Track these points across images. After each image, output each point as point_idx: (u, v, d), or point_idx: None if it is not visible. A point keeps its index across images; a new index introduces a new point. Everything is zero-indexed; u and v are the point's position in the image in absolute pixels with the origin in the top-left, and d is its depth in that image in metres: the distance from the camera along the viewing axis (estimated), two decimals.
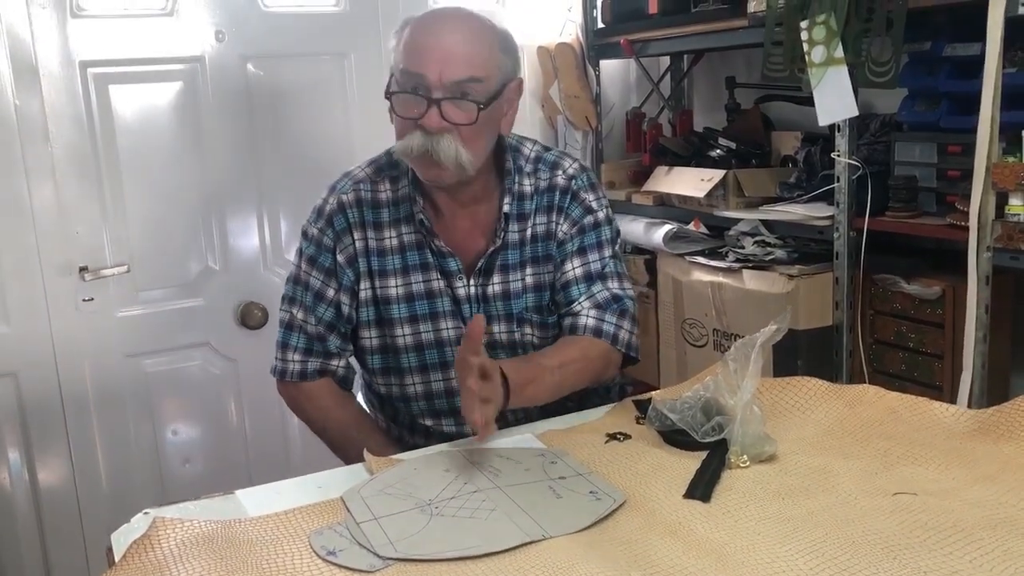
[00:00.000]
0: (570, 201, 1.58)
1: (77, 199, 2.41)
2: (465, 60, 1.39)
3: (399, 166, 1.55)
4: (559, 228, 1.57)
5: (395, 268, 1.54)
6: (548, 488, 1.21)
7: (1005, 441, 1.27)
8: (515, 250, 1.56)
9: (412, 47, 1.41)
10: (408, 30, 1.44)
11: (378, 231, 1.55)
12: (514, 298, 1.56)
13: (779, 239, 2.44)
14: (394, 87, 1.43)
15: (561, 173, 1.59)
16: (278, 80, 2.60)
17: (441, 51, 1.39)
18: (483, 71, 1.41)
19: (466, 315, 1.54)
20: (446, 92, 1.39)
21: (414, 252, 1.54)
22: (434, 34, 1.41)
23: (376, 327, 1.57)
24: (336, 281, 1.56)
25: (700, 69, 3.14)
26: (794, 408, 1.43)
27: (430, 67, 1.38)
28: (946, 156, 2.11)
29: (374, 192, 1.56)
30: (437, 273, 1.54)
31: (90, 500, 2.51)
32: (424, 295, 1.54)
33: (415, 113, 1.40)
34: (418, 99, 1.39)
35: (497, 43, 1.46)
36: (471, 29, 1.43)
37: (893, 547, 1.02)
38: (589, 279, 1.56)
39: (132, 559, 1.07)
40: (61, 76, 2.36)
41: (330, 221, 1.56)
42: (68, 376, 2.45)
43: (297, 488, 1.27)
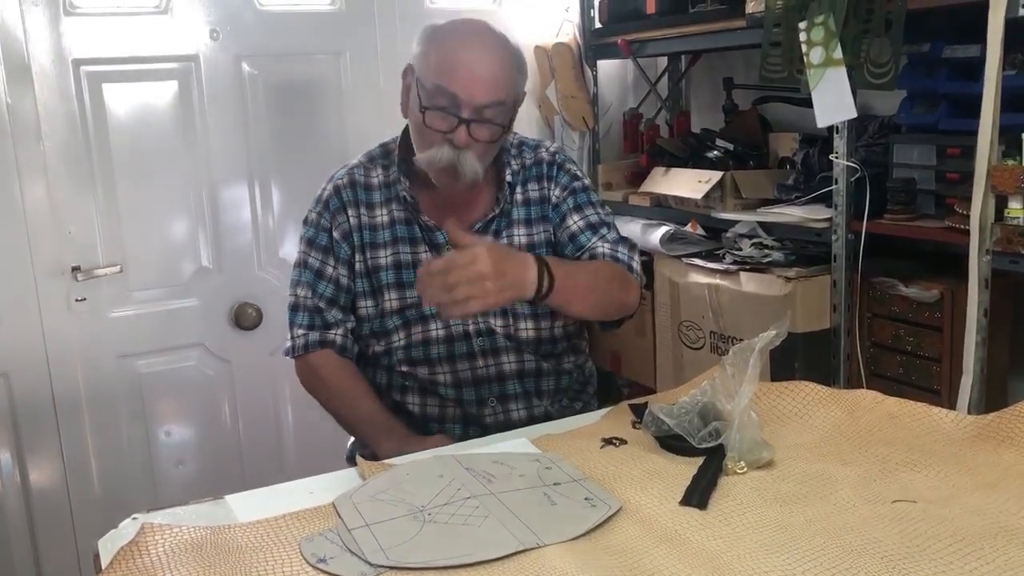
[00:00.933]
0: (557, 171, 1.72)
1: (70, 198, 2.39)
2: (494, 85, 1.50)
3: (390, 155, 1.69)
4: (551, 193, 1.70)
5: (384, 240, 1.65)
6: (543, 495, 1.19)
7: (1006, 448, 1.25)
8: (507, 215, 1.68)
9: (447, 65, 1.50)
10: (439, 44, 1.53)
11: (370, 210, 1.67)
12: None
13: (777, 241, 2.43)
14: (425, 101, 1.51)
15: (544, 150, 1.73)
16: (273, 79, 2.58)
17: (474, 73, 1.49)
18: (506, 95, 1.53)
19: None
20: (474, 113, 1.50)
21: (403, 226, 1.65)
22: (467, 54, 1.51)
23: (370, 296, 1.67)
24: (333, 257, 1.66)
25: (698, 70, 3.12)
26: (792, 413, 1.41)
27: (463, 88, 1.48)
28: (945, 158, 2.10)
29: (367, 176, 1.68)
30: (425, 246, 1.64)
31: (82, 502, 2.49)
32: (411, 264, 1.64)
33: (444, 128, 1.50)
34: (449, 116, 1.50)
35: (515, 64, 1.57)
36: (499, 51, 1.53)
37: (892, 556, 1.00)
38: (592, 228, 1.69)
39: (119, 566, 1.05)
40: (54, 74, 2.34)
41: (327, 204, 1.68)
42: (60, 377, 2.43)
43: (288, 494, 1.26)
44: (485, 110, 1.50)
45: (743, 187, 2.56)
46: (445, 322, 1.63)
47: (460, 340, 1.65)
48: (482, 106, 1.50)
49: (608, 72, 3.14)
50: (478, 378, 1.66)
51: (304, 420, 2.73)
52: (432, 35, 1.56)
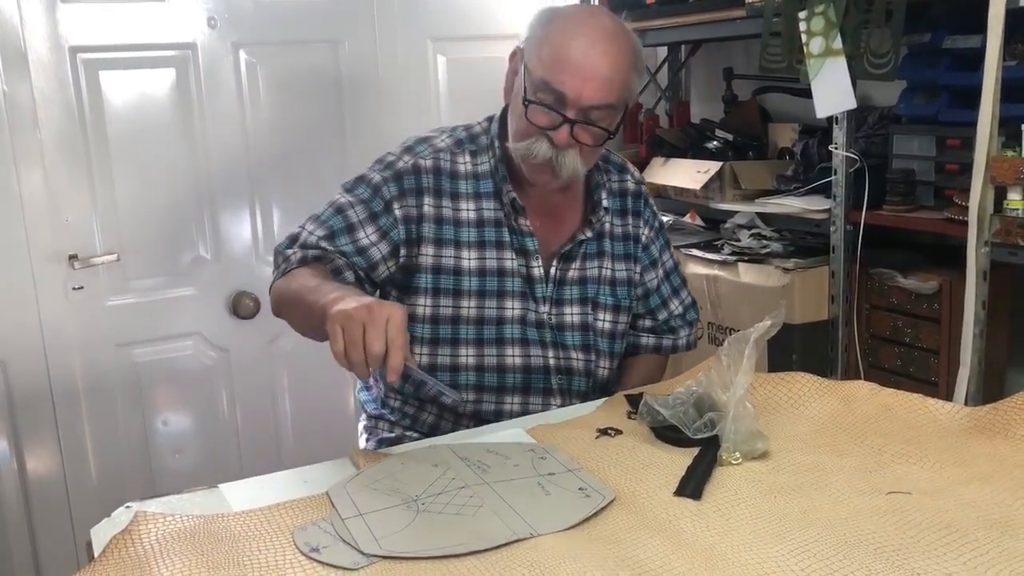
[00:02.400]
0: (643, 206, 1.67)
1: (67, 187, 2.38)
2: (606, 87, 1.40)
3: (478, 141, 1.57)
4: (641, 232, 1.66)
5: (470, 241, 1.52)
6: (537, 484, 1.19)
7: (1001, 439, 1.25)
8: (594, 242, 1.60)
9: (556, 58, 1.40)
10: (553, 32, 1.42)
11: (455, 201, 1.53)
12: (590, 283, 1.59)
13: (775, 232, 2.42)
14: (530, 94, 1.42)
15: (630, 178, 1.67)
16: (271, 68, 2.57)
17: (585, 71, 1.38)
18: (618, 98, 1.43)
19: (538, 295, 1.55)
20: (580, 114, 1.40)
21: (491, 228, 1.53)
22: (581, 49, 1.39)
23: (433, 295, 1.52)
24: (375, 228, 1.49)
25: (698, 60, 3.11)
26: (787, 404, 1.41)
27: (571, 86, 1.38)
28: (944, 150, 2.09)
29: (453, 163, 1.54)
30: (512, 252, 1.54)
31: (79, 490, 2.49)
32: (496, 272, 1.53)
33: (546, 124, 1.41)
34: (552, 114, 1.41)
35: (634, 63, 1.46)
36: (616, 49, 1.41)
37: (886, 547, 1.00)
38: (669, 276, 1.71)
39: (112, 554, 1.05)
40: (50, 62, 2.33)
41: (399, 176, 1.52)
42: (57, 365, 2.43)
43: (282, 482, 1.25)
44: (592, 111, 1.41)
45: (742, 178, 2.55)
46: (524, 351, 1.53)
47: (538, 373, 1.55)
48: (590, 107, 1.40)
49: None
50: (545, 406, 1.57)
51: (302, 409, 2.73)
52: (547, 20, 1.45)
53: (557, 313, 1.56)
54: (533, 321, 1.55)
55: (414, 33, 2.73)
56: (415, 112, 2.72)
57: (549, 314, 1.56)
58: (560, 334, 1.57)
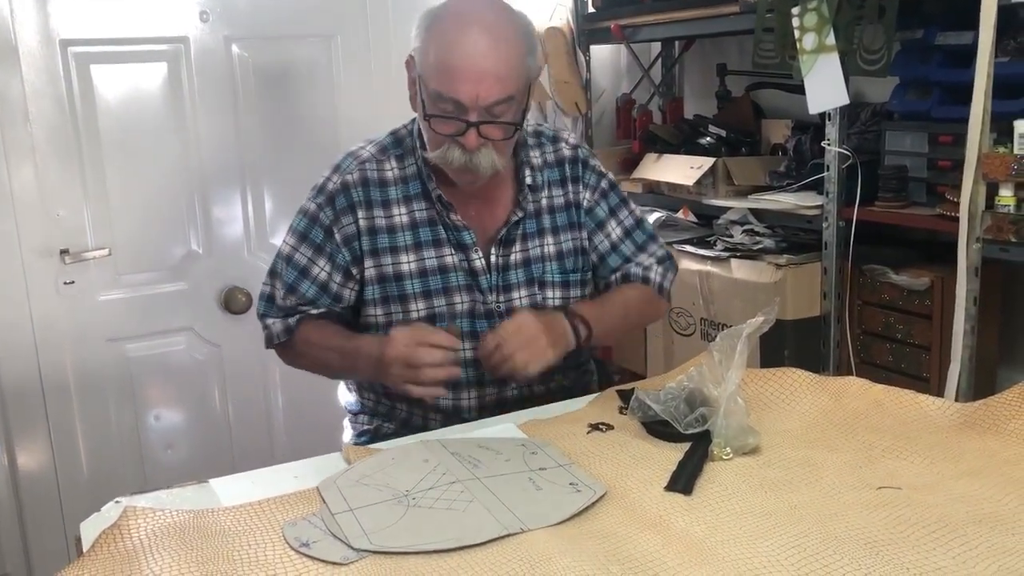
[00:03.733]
0: (582, 170, 1.63)
1: (58, 181, 2.37)
2: (500, 81, 1.38)
3: (403, 144, 1.57)
4: (582, 197, 1.62)
5: (406, 244, 1.53)
6: (528, 479, 1.18)
7: (991, 435, 1.25)
8: (532, 219, 1.58)
9: (444, 67, 1.38)
10: (435, 38, 1.40)
11: (386, 209, 1.53)
12: (534, 263, 1.58)
13: (768, 228, 2.42)
14: (429, 108, 1.41)
15: (564, 145, 1.64)
16: (263, 62, 2.56)
17: (476, 73, 1.36)
18: (515, 88, 1.41)
19: (483, 286, 1.55)
20: (482, 115, 1.39)
21: (426, 228, 1.54)
22: (467, 52, 1.37)
23: (383, 304, 1.54)
24: (325, 258, 1.54)
25: (691, 55, 3.11)
26: (778, 400, 1.41)
27: (465, 91, 1.37)
28: (937, 146, 2.10)
29: (380, 171, 1.55)
30: (451, 248, 1.54)
31: (70, 486, 2.48)
32: (437, 270, 1.54)
33: (452, 131, 1.41)
34: (455, 121, 1.40)
35: (524, 47, 1.43)
36: (502, 40, 1.39)
37: (876, 542, 1.00)
38: (630, 234, 1.65)
39: (101, 549, 1.05)
40: (41, 55, 2.32)
41: (331, 199, 1.54)
42: (48, 360, 2.42)
43: (272, 478, 1.25)
44: (494, 108, 1.39)
45: (735, 174, 2.55)
46: (474, 344, 1.52)
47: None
48: (490, 105, 1.38)
49: (601, 57, 3.12)
50: (503, 400, 1.57)
51: (294, 405, 2.72)
52: (429, 25, 1.42)
53: (506, 300, 1.56)
54: (482, 312, 1.55)
55: (407, 27, 2.70)
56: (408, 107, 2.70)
57: (497, 302, 1.55)
58: None
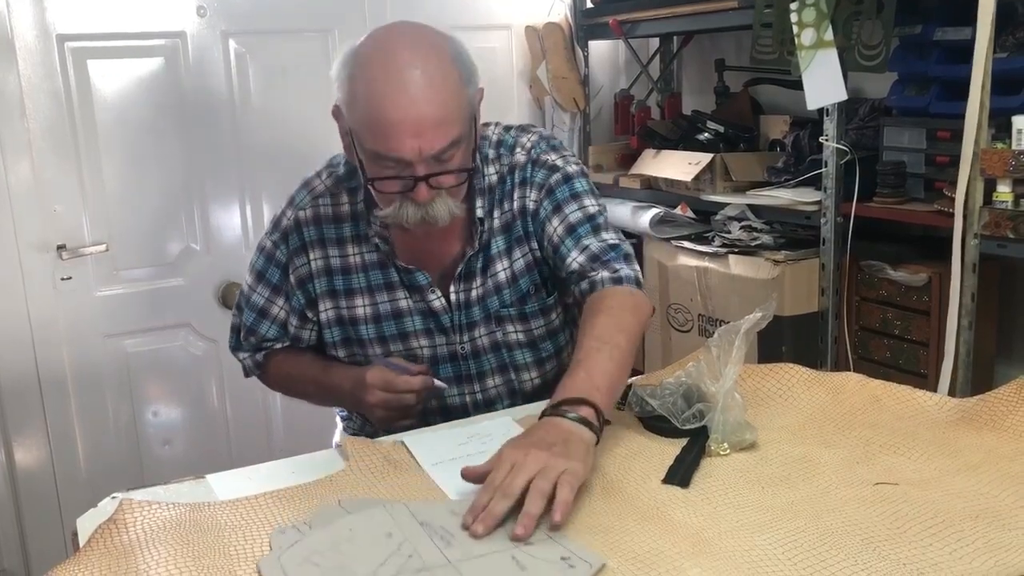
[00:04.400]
0: (532, 169, 1.46)
1: (55, 176, 2.37)
2: (441, 128, 1.25)
3: (356, 176, 1.44)
4: (529, 201, 1.46)
5: (360, 287, 1.46)
6: (511, 559, 0.98)
7: (989, 431, 1.25)
8: (487, 249, 1.46)
9: (378, 125, 1.24)
10: (360, 92, 1.26)
11: (341, 247, 1.45)
12: (488, 297, 1.47)
13: (766, 224, 2.42)
14: (370, 171, 1.29)
15: (520, 150, 1.47)
16: (260, 57, 2.56)
17: (413, 126, 1.23)
18: (459, 128, 1.27)
19: (446, 324, 1.46)
20: (430, 166, 1.26)
21: (376, 271, 1.45)
22: (399, 105, 1.23)
23: (344, 346, 1.49)
24: (283, 298, 1.50)
25: (689, 51, 3.11)
26: (776, 395, 1.41)
27: (407, 148, 1.24)
28: (935, 142, 2.09)
29: (335, 206, 1.45)
30: (404, 291, 1.45)
31: (68, 482, 2.48)
32: (391, 315, 1.46)
33: (400, 189, 1.29)
34: (402, 179, 1.28)
35: (460, 76, 1.29)
36: (433, 81, 1.24)
37: (873, 538, 1.00)
38: (572, 231, 1.43)
39: (98, 543, 1.05)
40: (38, 50, 2.31)
41: (285, 236, 1.48)
42: (46, 356, 2.42)
43: (269, 473, 1.25)
44: (442, 155, 1.26)
45: (733, 170, 2.55)
46: (439, 391, 1.46)
47: (458, 413, 1.50)
48: (437, 154, 1.26)
49: (599, 53, 3.12)
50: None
51: (291, 401, 2.70)
52: (351, 75, 1.28)
53: (470, 339, 1.47)
54: (446, 356, 1.48)
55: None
56: None
57: (461, 343, 1.47)
58: (476, 362, 1.49)
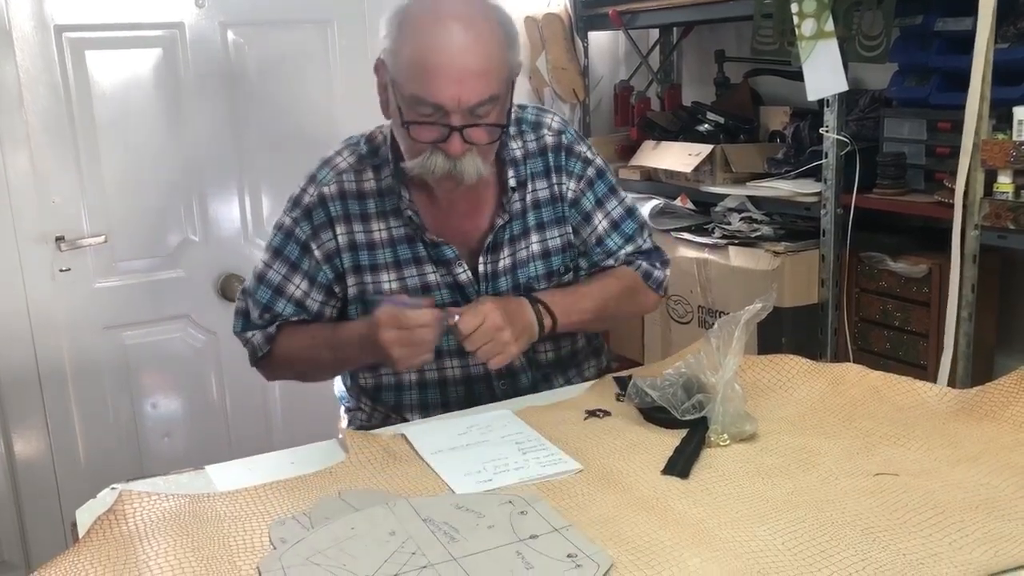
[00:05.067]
0: (566, 158, 1.52)
1: (53, 168, 2.37)
2: (484, 80, 1.28)
3: (379, 153, 1.47)
4: (566, 188, 1.52)
5: (386, 262, 1.46)
6: (515, 554, 0.98)
7: (988, 421, 1.25)
8: (519, 219, 1.50)
9: (421, 69, 1.27)
10: (408, 37, 1.29)
11: (365, 223, 1.45)
12: (520, 267, 1.51)
13: (766, 215, 2.42)
14: (407, 114, 1.31)
15: (547, 131, 1.52)
16: (259, 48, 2.55)
17: (456, 74, 1.26)
18: (498, 86, 1.31)
19: (472, 297, 1.47)
20: (465, 118, 1.29)
21: (404, 246, 1.46)
22: (444, 51, 1.27)
23: None
24: (301, 275, 1.47)
25: (689, 42, 3.10)
26: (776, 386, 1.41)
27: (446, 94, 1.27)
28: (935, 133, 2.09)
29: (358, 182, 1.46)
30: (432, 265, 1.47)
31: (67, 474, 2.48)
32: (419, 289, 1.46)
33: (434, 138, 1.31)
34: (436, 127, 1.30)
35: (505, 41, 1.33)
36: (480, 35, 1.29)
37: (872, 528, 1.00)
38: (617, 226, 1.56)
39: (97, 534, 1.05)
40: (35, 41, 2.30)
41: (308, 213, 1.46)
42: (45, 348, 2.41)
43: (269, 464, 1.25)
44: (478, 109, 1.29)
45: (733, 161, 2.55)
46: (463, 362, 1.50)
47: (479, 382, 1.52)
48: (473, 107, 1.29)
49: (599, 44, 3.11)
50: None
51: (291, 392, 2.72)
52: (400, 23, 1.31)
53: None
54: None
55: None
56: None
57: None
58: None
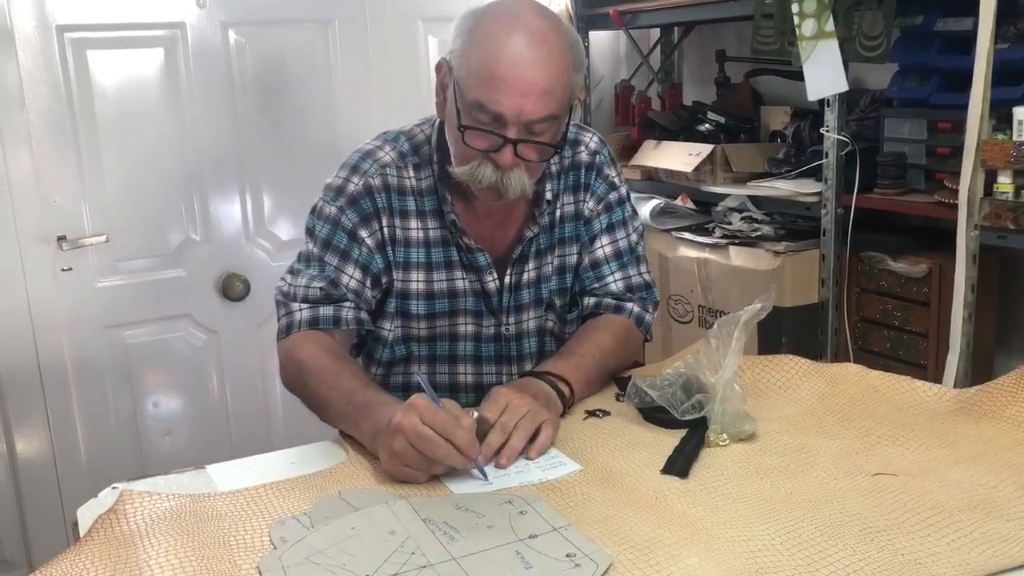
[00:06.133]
0: (595, 178, 1.52)
1: (55, 167, 2.37)
2: (545, 99, 1.27)
3: (420, 152, 1.46)
4: (585, 206, 1.52)
5: (418, 262, 1.44)
6: (515, 554, 0.99)
7: (987, 421, 1.26)
8: (547, 233, 1.49)
9: (487, 75, 1.26)
10: (479, 43, 1.28)
11: (404, 220, 1.44)
12: (544, 282, 1.50)
13: (766, 215, 2.42)
14: (465, 118, 1.29)
15: (584, 149, 1.52)
16: (260, 47, 2.55)
17: (521, 86, 1.26)
18: (559, 107, 1.31)
19: (495, 306, 1.47)
20: (521, 132, 1.29)
21: (439, 248, 1.44)
22: (513, 62, 1.25)
23: (391, 318, 1.47)
24: (353, 265, 1.42)
25: (690, 42, 3.10)
26: (775, 386, 1.41)
27: (508, 105, 1.26)
28: (936, 133, 2.09)
29: (400, 179, 1.44)
30: (462, 272, 1.45)
31: (69, 473, 2.49)
32: (446, 293, 1.46)
33: (487, 146, 1.30)
34: (492, 136, 1.29)
35: (571, 63, 1.32)
36: (551, 52, 1.28)
37: (871, 529, 1.00)
38: (619, 256, 1.54)
39: (98, 533, 1.05)
40: (37, 41, 2.31)
41: (353, 202, 1.42)
42: (46, 347, 2.42)
43: (269, 464, 1.25)
44: (535, 125, 1.28)
45: (734, 161, 2.55)
46: (476, 368, 1.49)
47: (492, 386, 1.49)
48: (532, 123, 1.28)
49: (600, 43, 3.11)
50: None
51: None
52: (469, 29, 1.30)
53: (516, 322, 1.49)
54: (491, 336, 1.49)
55: (404, 13, 2.71)
56: (405, 93, 2.71)
57: (507, 324, 1.49)
58: (518, 344, 1.51)
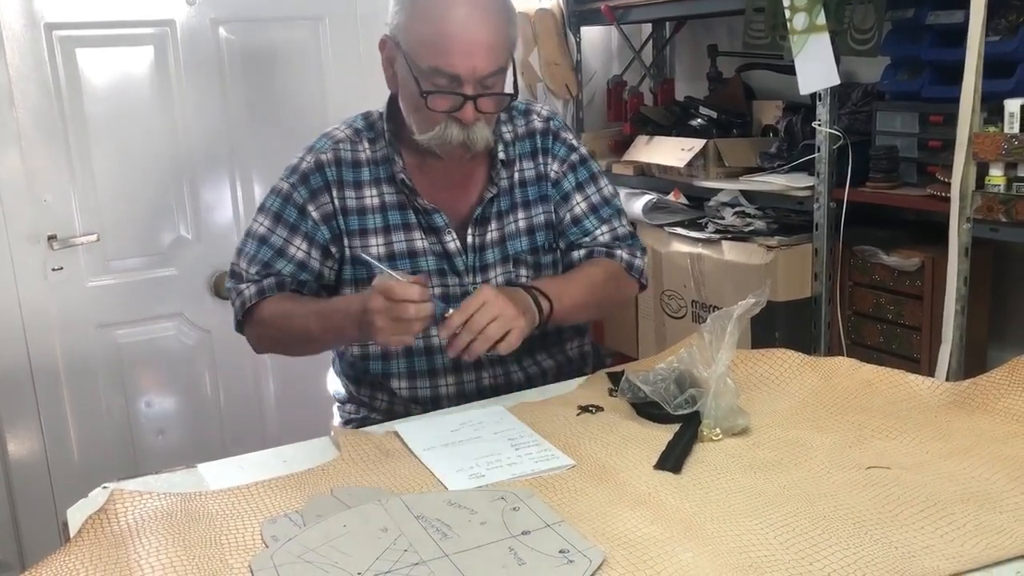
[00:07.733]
0: (552, 142, 1.61)
1: (44, 166, 2.36)
2: (492, 53, 1.39)
3: (375, 127, 1.56)
4: (549, 168, 1.60)
5: (375, 227, 1.52)
6: (508, 550, 0.99)
7: (981, 414, 1.26)
8: (506, 196, 1.57)
9: (438, 41, 1.37)
10: (425, 14, 1.38)
11: (358, 190, 1.53)
12: (509, 240, 1.57)
13: (759, 210, 2.42)
14: (425, 85, 1.39)
15: (536, 117, 1.62)
16: (251, 45, 2.54)
17: (469, 45, 1.36)
18: (505, 59, 1.42)
19: (459, 268, 1.53)
20: (477, 88, 1.39)
21: (395, 212, 1.52)
22: (459, 23, 1.36)
23: (356, 286, 1.54)
24: (301, 237, 1.52)
25: (682, 37, 3.10)
26: (769, 380, 1.41)
27: (461, 65, 1.36)
28: (928, 126, 2.09)
29: (354, 152, 1.54)
30: (421, 232, 1.52)
31: (61, 472, 2.48)
32: (406, 254, 1.52)
33: (449, 107, 1.39)
34: (452, 96, 1.39)
35: (507, 16, 1.43)
36: (490, 12, 1.39)
37: (865, 522, 1.00)
38: (596, 210, 1.62)
39: (88, 533, 1.05)
40: (26, 38, 2.29)
41: (305, 178, 1.53)
42: (37, 347, 2.41)
43: (261, 462, 1.25)
44: (488, 80, 1.39)
45: (726, 155, 2.54)
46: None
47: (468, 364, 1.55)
48: (484, 77, 1.38)
49: (592, 39, 3.10)
50: (482, 388, 1.56)
51: (285, 389, 2.72)
52: (411, 2, 1.41)
53: (484, 279, 1.54)
54: (457, 295, 1.52)
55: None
56: None
57: (473, 283, 1.53)
58: None
